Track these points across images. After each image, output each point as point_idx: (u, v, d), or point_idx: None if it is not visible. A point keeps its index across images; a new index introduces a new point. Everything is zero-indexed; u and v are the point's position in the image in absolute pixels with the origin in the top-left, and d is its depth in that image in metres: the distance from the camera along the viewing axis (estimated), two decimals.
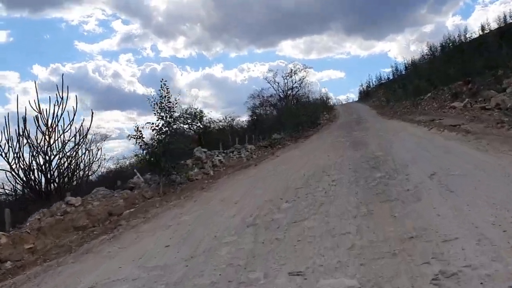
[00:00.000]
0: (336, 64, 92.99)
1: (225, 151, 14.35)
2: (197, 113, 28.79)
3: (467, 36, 28.08)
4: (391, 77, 46.32)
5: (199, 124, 29.01)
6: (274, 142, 18.45)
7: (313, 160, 10.10)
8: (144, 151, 9.55)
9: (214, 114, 71.04)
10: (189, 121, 28.54)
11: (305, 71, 48.77)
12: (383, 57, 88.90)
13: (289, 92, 49.75)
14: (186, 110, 28.29)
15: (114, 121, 73.22)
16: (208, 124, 28.83)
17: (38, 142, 9.03)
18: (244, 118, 35.17)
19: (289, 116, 25.45)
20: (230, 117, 31.06)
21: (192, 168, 10.34)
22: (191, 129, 28.40)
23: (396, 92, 35.65)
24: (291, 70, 48.16)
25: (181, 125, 25.84)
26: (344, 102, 60.15)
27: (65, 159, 9.45)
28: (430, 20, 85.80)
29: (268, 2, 66.60)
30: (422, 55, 37.36)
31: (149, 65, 79.33)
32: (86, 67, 75.68)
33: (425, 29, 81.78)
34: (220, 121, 30.78)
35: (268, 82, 48.87)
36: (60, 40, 77.02)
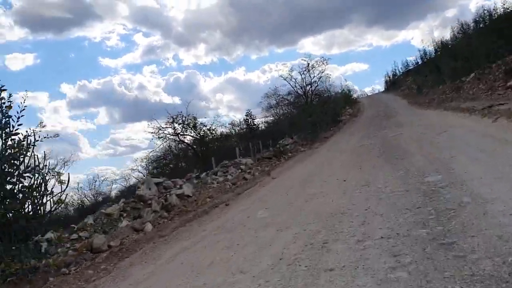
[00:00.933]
0: (359, 57, 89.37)
1: (207, 172, 10.58)
2: (189, 120, 23.70)
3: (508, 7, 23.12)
4: (419, 62, 41.18)
5: (193, 133, 24.25)
6: (282, 150, 14.50)
7: (314, 198, 5.80)
8: None
9: (239, 116, 68.75)
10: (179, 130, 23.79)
11: (323, 63, 44.84)
12: (406, 46, 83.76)
13: (308, 88, 45.87)
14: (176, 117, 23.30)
15: (143, 132, 72.09)
16: (207, 132, 24.11)
17: None
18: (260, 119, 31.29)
19: (303, 115, 21.46)
20: (243, 119, 26.42)
21: (119, 221, 6.65)
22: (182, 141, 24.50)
23: (428, 78, 31.15)
24: (308, 64, 44.21)
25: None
26: (369, 94, 55.26)
27: None
28: (452, 4, 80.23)
29: (285, 1, 64.23)
30: (453, 35, 32.55)
31: (173, 74, 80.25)
32: (111, 81, 76.19)
33: (447, 13, 76.30)
34: (229, 125, 26.75)
35: (284, 79, 45.17)
36: (84, 58, 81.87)
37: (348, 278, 2.80)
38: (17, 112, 4.87)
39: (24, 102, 4.97)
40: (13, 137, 4.80)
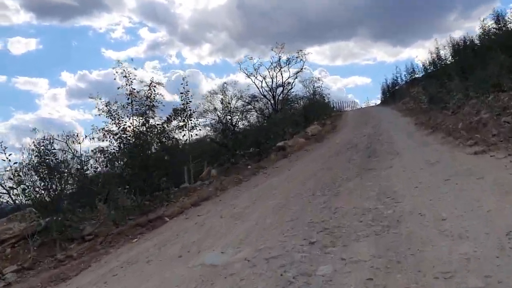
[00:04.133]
0: (362, 71, 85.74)
1: None
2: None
3: None
4: (427, 70, 30.13)
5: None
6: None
7: None
8: None
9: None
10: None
11: (301, 57, 33.88)
12: (410, 64, 78.76)
13: (278, 91, 34.77)
14: None
15: None
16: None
17: None
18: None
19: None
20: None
21: None
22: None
23: (448, 85, 20.59)
24: (279, 58, 33.15)
25: None
26: (363, 106, 44.46)
27: None
28: (459, 25, 77.36)
29: (294, 10, 61.57)
30: (484, 32, 22.28)
31: (175, 72, 77.00)
32: (112, 74, 68.64)
33: (454, 34, 71.48)
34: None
35: (248, 76, 34.06)
36: (87, 48, 79.87)
37: None
38: None
39: None
40: None
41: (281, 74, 34.08)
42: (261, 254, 4.40)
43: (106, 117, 9.23)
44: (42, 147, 9.28)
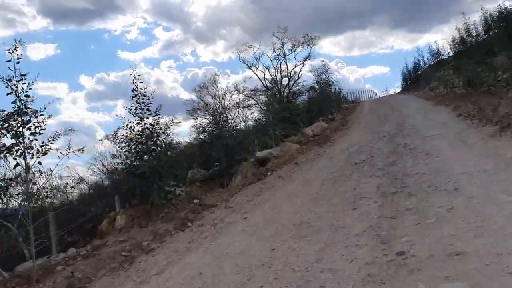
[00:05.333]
0: (380, 60, 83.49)
1: None
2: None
3: None
4: (458, 47, 24.80)
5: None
6: None
7: None
8: None
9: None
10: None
11: (308, 44, 28.97)
12: (434, 43, 75.04)
13: (285, 83, 29.84)
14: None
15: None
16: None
17: None
18: None
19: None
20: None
21: None
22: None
23: (490, 63, 16.12)
24: (282, 44, 28.33)
25: None
26: (381, 95, 39.25)
27: None
28: (476, 8, 73.81)
29: (308, 0, 59.54)
30: None
31: (191, 71, 79.97)
32: (129, 75, 72.06)
33: (472, 17, 66.68)
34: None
35: (249, 67, 29.24)
36: (104, 50, 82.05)
37: None
38: None
39: None
40: None
41: (286, 62, 29.39)
42: None
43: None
44: None
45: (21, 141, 5.45)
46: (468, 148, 6.17)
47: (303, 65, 28.00)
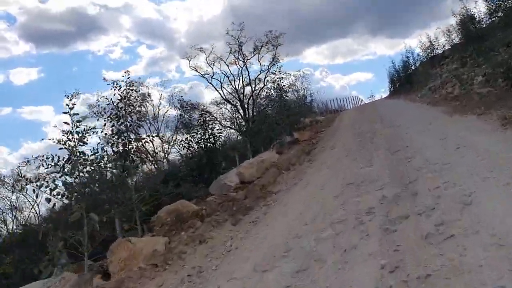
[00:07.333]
0: (363, 66, 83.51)
1: None
2: None
3: None
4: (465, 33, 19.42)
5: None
6: None
7: None
8: None
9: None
10: None
11: (272, 45, 23.39)
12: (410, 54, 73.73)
13: (247, 93, 24.28)
14: None
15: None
16: None
17: None
18: None
19: None
20: None
21: None
22: None
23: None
24: (240, 44, 22.44)
25: None
26: (366, 102, 34.20)
27: None
28: (456, 11, 72.38)
29: (287, 12, 57.68)
30: None
31: (176, 86, 75.02)
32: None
33: (451, 21, 63.97)
34: None
35: (204, 76, 23.37)
36: (88, 71, 79.58)
37: None
38: None
39: None
40: None
41: (246, 68, 24.01)
42: None
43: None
44: None
45: None
46: None
47: (268, 70, 22.27)
